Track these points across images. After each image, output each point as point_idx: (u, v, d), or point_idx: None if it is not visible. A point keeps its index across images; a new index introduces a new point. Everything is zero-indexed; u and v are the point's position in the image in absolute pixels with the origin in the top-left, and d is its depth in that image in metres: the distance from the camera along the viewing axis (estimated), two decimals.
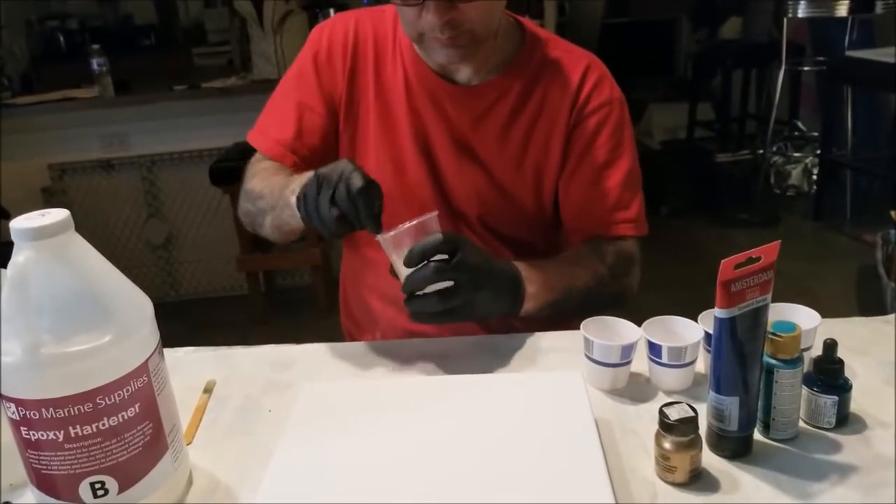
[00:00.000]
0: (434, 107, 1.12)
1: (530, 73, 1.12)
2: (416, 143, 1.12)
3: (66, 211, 0.65)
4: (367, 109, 1.14)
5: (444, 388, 0.86)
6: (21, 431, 0.65)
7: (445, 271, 0.88)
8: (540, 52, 1.14)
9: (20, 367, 0.62)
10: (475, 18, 0.99)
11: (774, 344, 0.74)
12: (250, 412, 0.89)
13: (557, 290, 1.04)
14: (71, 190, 3.21)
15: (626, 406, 0.85)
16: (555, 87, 1.12)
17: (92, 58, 3.01)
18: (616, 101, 1.13)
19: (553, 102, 1.12)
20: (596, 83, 1.12)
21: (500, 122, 1.12)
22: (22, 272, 0.63)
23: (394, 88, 1.13)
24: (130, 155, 3.20)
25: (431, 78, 1.12)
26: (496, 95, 1.12)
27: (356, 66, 1.14)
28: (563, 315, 1.05)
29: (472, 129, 1.12)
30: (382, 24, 1.16)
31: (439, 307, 0.89)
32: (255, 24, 3.00)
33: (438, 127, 1.12)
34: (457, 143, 1.12)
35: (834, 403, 0.77)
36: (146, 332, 0.69)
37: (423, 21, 0.98)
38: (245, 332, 2.99)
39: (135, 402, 0.67)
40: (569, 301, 1.06)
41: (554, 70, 1.13)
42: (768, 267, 0.71)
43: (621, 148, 1.13)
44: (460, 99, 1.12)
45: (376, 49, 1.14)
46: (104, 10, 5.10)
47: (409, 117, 1.12)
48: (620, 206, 1.13)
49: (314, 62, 1.14)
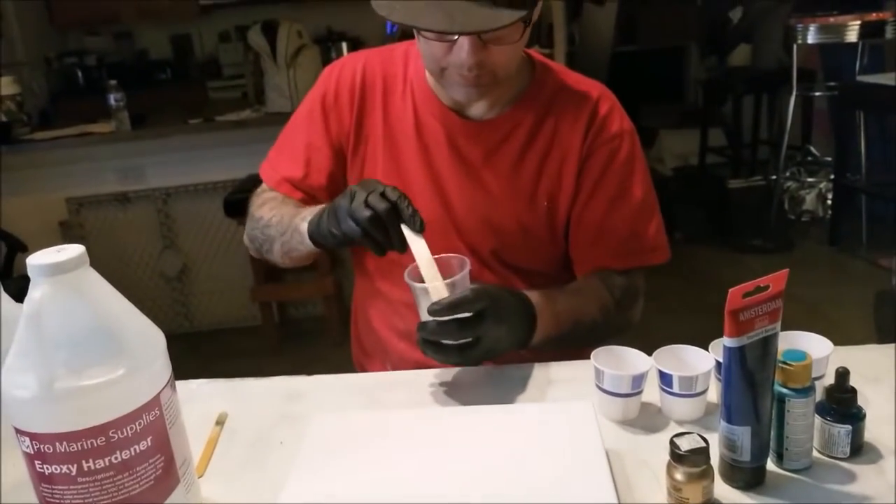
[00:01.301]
0: (446, 142, 1.13)
1: (541, 106, 1.13)
2: (427, 178, 1.13)
3: (82, 247, 0.66)
4: (375, 147, 1.15)
5: (455, 420, 0.86)
6: (35, 465, 0.66)
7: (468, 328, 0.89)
8: (550, 83, 1.15)
9: (35, 401, 0.63)
10: (501, 61, 1.01)
11: (785, 373, 0.74)
12: (262, 444, 0.89)
13: (564, 326, 1.05)
14: (87, 223, 3.25)
15: (637, 436, 0.85)
16: (566, 118, 1.13)
17: (109, 93, 3.06)
18: (626, 133, 1.14)
19: (565, 134, 1.12)
20: (607, 114, 1.13)
21: (513, 155, 1.12)
22: (38, 307, 0.64)
23: (402, 125, 1.14)
24: (146, 188, 3.25)
25: (444, 113, 1.13)
26: (508, 129, 1.13)
27: (364, 105, 1.16)
28: (566, 347, 1.05)
29: (485, 163, 1.13)
30: (391, 63, 1.18)
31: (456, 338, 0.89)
32: (268, 58, 3.04)
33: (450, 162, 1.13)
34: (469, 177, 1.13)
35: (847, 433, 0.77)
36: (158, 366, 0.70)
37: (451, 57, 0.99)
38: (258, 362, 2.99)
39: (147, 436, 0.67)
40: (573, 335, 1.06)
41: (565, 101, 1.13)
42: (777, 295, 0.71)
43: (632, 178, 1.13)
44: (473, 134, 1.13)
45: (385, 87, 1.16)
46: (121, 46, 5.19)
47: (418, 153, 1.14)
48: (632, 238, 1.13)
49: (322, 103, 1.17)
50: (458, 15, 0.90)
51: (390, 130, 1.15)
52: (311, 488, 0.74)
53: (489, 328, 0.90)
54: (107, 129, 3.14)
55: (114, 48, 5.17)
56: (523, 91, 1.14)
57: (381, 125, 1.15)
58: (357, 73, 1.17)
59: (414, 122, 1.14)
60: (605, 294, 1.10)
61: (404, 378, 1.02)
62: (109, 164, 3.22)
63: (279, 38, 3.00)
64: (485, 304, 0.89)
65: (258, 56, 3.14)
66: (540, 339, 1.01)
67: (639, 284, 1.15)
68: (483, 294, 0.90)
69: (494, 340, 0.92)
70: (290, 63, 3.01)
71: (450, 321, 0.87)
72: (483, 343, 0.90)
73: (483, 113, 1.13)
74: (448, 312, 0.87)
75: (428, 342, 0.90)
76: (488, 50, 0.98)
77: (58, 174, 3.19)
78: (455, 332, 0.89)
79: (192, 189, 3.26)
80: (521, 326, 0.98)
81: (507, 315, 0.95)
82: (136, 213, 3.26)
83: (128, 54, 5.21)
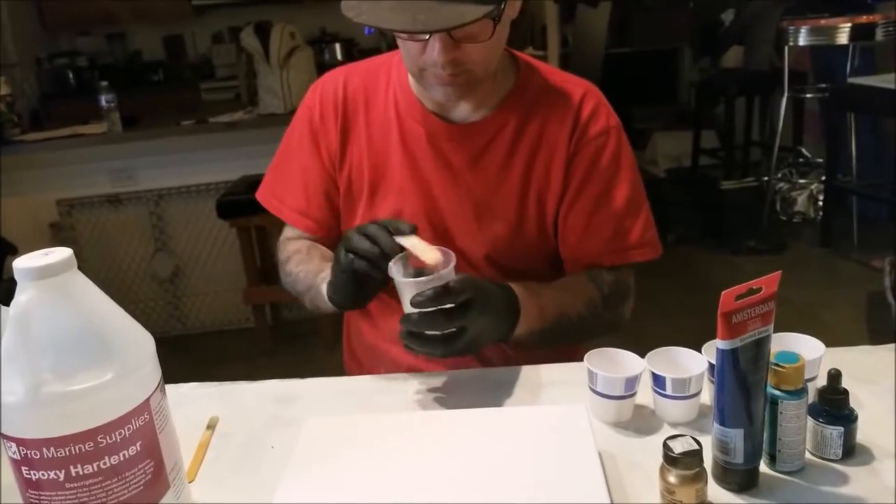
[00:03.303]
0: (431, 147, 1.12)
1: (526, 106, 1.12)
2: (414, 185, 1.13)
3: (69, 250, 0.66)
4: (361, 160, 1.15)
5: (448, 423, 0.85)
6: (22, 471, 0.65)
7: (453, 319, 0.88)
8: (535, 83, 1.14)
9: (22, 406, 0.63)
10: (477, 59, 1.00)
11: (778, 375, 0.74)
12: (253, 448, 0.88)
13: (549, 319, 1.04)
14: (79, 225, 3.24)
15: (630, 439, 0.85)
16: (552, 117, 1.12)
17: (100, 94, 3.05)
18: (612, 129, 1.13)
19: (551, 132, 1.12)
20: (593, 111, 1.12)
21: (500, 158, 1.12)
22: (25, 311, 0.64)
23: (386, 133, 1.14)
24: (138, 189, 3.23)
25: (427, 117, 1.12)
26: (494, 131, 1.12)
27: (347, 120, 1.16)
28: (553, 343, 1.05)
29: (472, 167, 1.12)
30: (373, 74, 1.18)
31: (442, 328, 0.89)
32: (261, 59, 3.03)
33: (436, 166, 1.12)
34: (456, 181, 1.12)
35: (840, 434, 0.77)
36: (148, 370, 0.69)
37: (426, 57, 0.99)
38: (251, 364, 2.99)
39: (136, 441, 0.67)
40: (559, 329, 1.05)
41: (550, 100, 1.13)
42: (769, 298, 0.71)
43: (619, 175, 1.12)
44: (458, 137, 1.12)
45: (367, 100, 1.16)
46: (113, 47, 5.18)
47: (404, 160, 1.13)
48: (620, 235, 1.12)
49: (310, 124, 1.18)
50: (422, 14, 0.90)
51: (374, 141, 1.15)
52: (302, 492, 0.74)
53: (474, 318, 0.89)
54: (98, 130, 3.12)
55: (106, 49, 5.16)
56: (508, 92, 1.13)
57: (364, 137, 1.15)
58: (339, 89, 1.17)
59: (398, 129, 1.13)
60: (591, 289, 1.10)
61: (397, 381, 1.02)
62: (101, 166, 3.20)
63: (272, 40, 2.99)
64: (470, 294, 0.89)
65: (251, 57, 3.13)
66: (524, 331, 1.01)
67: (628, 281, 1.14)
68: (468, 284, 0.89)
69: (479, 330, 0.91)
70: (283, 64, 3.01)
71: (435, 311, 0.87)
72: (467, 333, 0.89)
73: (467, 116, 1.12)
74: (433, 304, 0.86)
75: (412, 334, 0.89)
76: (461, 48, 0.97)
77: (49, 175, 3.17)
78: (440, 323, 0.88)
79: (185, 191, 3.24)
80: (505, 318, 0.98)
81: (492, 306, 0.94)
82: (127, 214, 3.25)
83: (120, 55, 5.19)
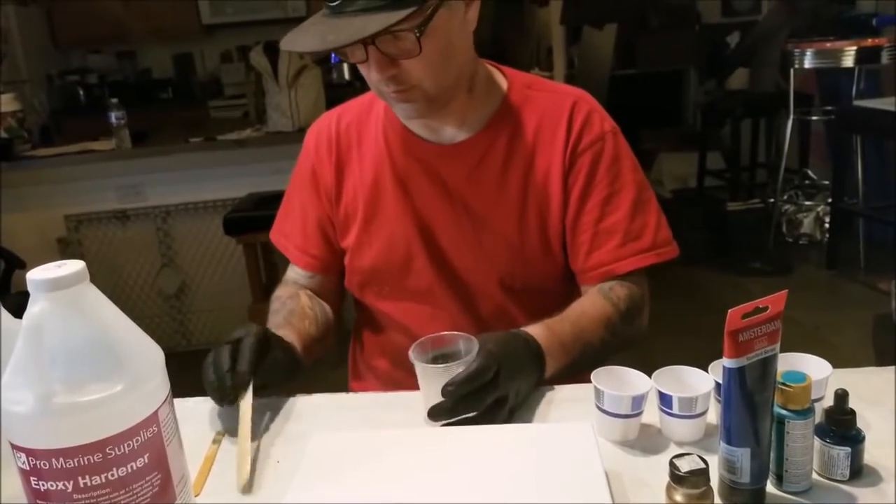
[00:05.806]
0: (423, 169, 1.12)
1: (517, 120, 1.11)
2: (409, 213, 1.13)
3: (82, 262, 0.66)
4: (355, 190, 1.16)
5: (454, 439, 0.85)
6: (31, 482, 0.65)
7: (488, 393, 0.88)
8: (525, 96, 1.13)
9: (32, 417, 0.63)
10: (420, 75, 0.99)
11: (785, 394, 0.74)
12: (259, 463, 0.88)
13: (574, 354, 1.04)
14: (86, 240, 3.25)
15: (636, 457, 0.84)
16: (545, 129, 1.11)
17: (110, 111, 3.07)
18: (608, 133, 1.11)
19: (545, 145, 1.10)
20: (585, 119, 1.10)
21: (495, 172, 1.11)
22: (37, 322, 0.64)
23: (379, 165, 1.15)
24: (146, 205, 3.25)
25: (416, 141, 1.12)
26: (485, 147, 1.11)
27: (341, 155, 1.18)
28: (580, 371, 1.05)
29: (467, 186, 1.11)
30: (364, 108, 1.19)
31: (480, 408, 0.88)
32: (270, 78, 3.06)
33: (430, 191, 1.12)
34: (452, 203, 1.12)
35: (847, 455, 0.76)
36: (157, 382, 0.69)
37: (370, 77, 1.00)
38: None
39: (144, 453, 0.67)
40: (584, 358, 1.04)
41: (541, 112, 1.11)
42: (776, 317, 0.71)
43: (621, 179, 1.11)
44: (449, 156, 1.11)
45: (359, 131, 1.17)
46: (123, 64, 5.24)
47: (396, 189, 1.13)
48: (630, 239, 1.10)
49: (308, 165, 1.20)
50: (330, 34, 0.92)
51: (367, 172, 1.15)
52: None
53: (507, 386, 0.90)
54: (107, 146, 3.15)
55: (116, 66, 5.22)
56: (496, 109, 1.12)
57: (357, 170, 1.16)
58: (332, 127, 1.19)
59: (388, 157, 1.14)
60: (607, 308, 1.08)
61: (402, 398, 1.02)
62: (109, 182, 3.22)
63: (281, 59, 3.02)
64: (496, 366, 0.89)
65: (260, 76, 3.16)
66: (551, 371, 1.01)
67: (642, 289, 1.12)
68: (490, 357, 0.89)
69: (514, 394, 0.92)
70: (291, 83, 3.03)
71: (468, 394, 0.87)
72: (507, 403, 0.90)
73: (454, 135, 1.11)
74: (464, 389, 0.86)
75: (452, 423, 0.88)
76: (399, 65, 0.97)
77: (57, 191, 3.20)
78: (477, 404, 0.88)
79: (192, 207, 3.26)
80: (534, 369, 0.98)
81: (519, 365, 0.94)
82: (135, 230, 3.26)
83: (130, 73, 5.25)
